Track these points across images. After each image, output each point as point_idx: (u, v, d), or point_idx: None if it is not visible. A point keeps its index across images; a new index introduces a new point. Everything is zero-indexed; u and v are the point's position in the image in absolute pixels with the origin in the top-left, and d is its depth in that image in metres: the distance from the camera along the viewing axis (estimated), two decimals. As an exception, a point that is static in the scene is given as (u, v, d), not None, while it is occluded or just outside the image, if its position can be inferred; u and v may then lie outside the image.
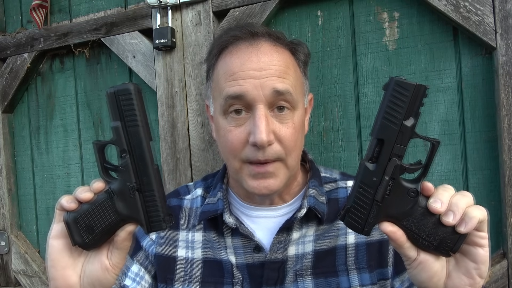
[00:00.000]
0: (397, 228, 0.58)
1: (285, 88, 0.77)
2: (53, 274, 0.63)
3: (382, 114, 0.56)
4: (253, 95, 0.75)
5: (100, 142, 0.63)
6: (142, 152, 0.60)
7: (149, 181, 0.61)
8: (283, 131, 0.77)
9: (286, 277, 0.81)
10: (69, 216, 0.61)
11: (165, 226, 0.62)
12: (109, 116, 0.61)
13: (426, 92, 0.55)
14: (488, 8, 1.00)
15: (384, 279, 0.81)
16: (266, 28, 0.85)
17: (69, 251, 0.64)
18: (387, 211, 0.58)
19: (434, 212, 0.56)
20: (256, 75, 0.76)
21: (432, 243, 0.57)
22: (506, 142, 1.00)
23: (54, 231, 0.63)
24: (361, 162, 0.59)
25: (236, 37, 0.81)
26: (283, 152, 0.77)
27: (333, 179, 0.92)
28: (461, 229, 0.55)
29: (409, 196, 0.58)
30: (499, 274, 1.02)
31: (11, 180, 1.57)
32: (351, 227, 0.60)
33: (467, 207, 0.56)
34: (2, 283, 1.55)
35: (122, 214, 0.61)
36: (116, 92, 0.59)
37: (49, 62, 1.52)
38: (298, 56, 0.85)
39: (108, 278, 0.63)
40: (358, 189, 0.58)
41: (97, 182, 0.62)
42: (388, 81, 0.56)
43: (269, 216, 0.86)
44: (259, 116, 0.75)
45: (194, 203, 0.93)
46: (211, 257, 0.86)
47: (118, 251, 0.63)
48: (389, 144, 0.56)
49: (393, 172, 0.57)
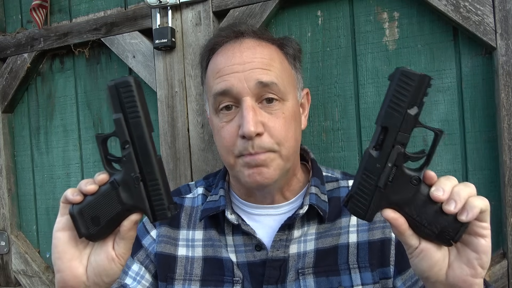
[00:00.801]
0: (399, 215, 0.59)
1: (269, 79, 0.78)
2: (60, 266, 0.63)
3: (387, 103, 0.57)
4: (238, 88, 0.77)
5: (102, 135, 0.63)
6: (144, 143, 0.61)
7: (153, 170, 0.62)
8: (272, 121, 0.78)
9: (287, 276, 0.81)
10: (74, 208, 0.62)
11: (170, 214, 0.63)
12: (110, 109, 0.62)
13: (430, 83, 0.56)
14: (488, 8, 1.00)
15: (386, 278, 0.81)
16: (252, 26, 0.88)
17: (75, 242, 0.64)
18: (390, 198, 0.59)
19: (436, 200, 0.57)
20: (240, 68, 0.78)
21: (434, 231, 0.58)
22: (506, 142, 1.00)
23: (60, 224, 0.64)
24: (366, 150, 0.60)
25: (222, 38, 0.85)
26: (274, 143, 0.77)
27: (334, 178, 0.92)
28: (463, 218, 0.56)
29: (411, 183, 0.59)
30: (499, 274, 1.02)
31: (11, 180, 1.57)
32: (354, 213, 0.61)
33: (469, 197, 0.56)
34: (2, 283, 1.55)
35: (127, 204, 0.62)
36: (117, 85, 0.60)
37: (49, 62, 1.52)
38: (285, 50, 0.87)
39: (114, 269, 0.64)
40: (361, 176, 0.59)
41: (100, 174, 0.63)
42: (394, 71, 0.57)
43: (270, 214, 0.87)
44: (245, 107, 0.76)
45: (195, 201, 0.93)
46: (212, 255, 0.86)
47: (123, 241, 0.63)
48: (393, 131, 0.57)
49: (397, 159, 0.58)
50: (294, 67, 0.88)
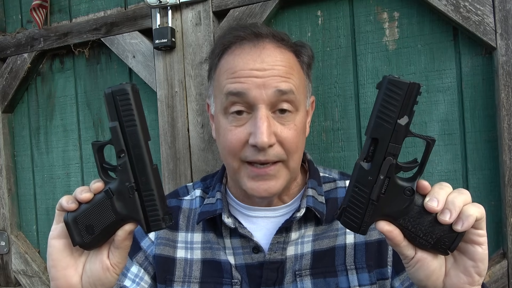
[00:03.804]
0: (394, 227, 0.58)
1: (288, 87, 0.76)
2: (54, 274, 0.63)
3: (375, 113, 0.56)
4: (254, 94, 0.75)
5: (99, 143, 0.63)
6: (140, 152, 0.60)
7: (148, 180, 0.61)
8: (285, 133, 0.77)
9: (285, 278, 0.81)
10: (69, 216, 0.61)
11: (164, 226, 0.62)
12: (107, 117, 0.61)
13: (420, 90, 0.55)
14: (488, 8, 1.00)
15: (383, 278, 0.81)
16: (270, 28, 0.84)
17: (70, 251, 0.64)
18: (383, 210, 0.58)
19: (430, 211, 0.56)
20: (259, 74, 0.76)
21: (429, 242, 0.57)
22: (506, 142, 1.00)
23: (55, 231, 0.63)
24: (356, 161, 0.59)
25: (240, 37, 0.81)
26: (284, 154, 0.77)
27: (332, 178, 0.92)
28: (458, 228, 0.55)
29: (405, 195, 0.57)
30: (499, 274, 1.02)
31: (11, 180, 1.57)
32: (347, 226, 0.60)
33: (464, 205, 0.55)
34: (2, 283, 1.55)
35: (121, 213, 0.61)
36: (113, 93, 0.60)
37: (49, 62, 1.52)
38: (301, 58, 0.85)
39: (109, 278, 0.63)
40: (353, 189, 0.58)
41: (96, 182, 0.62)
42: (382, 80, 0.56)
43: (267, 216, 0.86)
44: (260, 117, 0.74)
45: (193, 203, 0.93)
46: (210, 257, 0.86)
47: (118, 251, 0.63)
48: (384, 143, 0.56)
49: (388, 171, 0.57)
50: (307, 77, 0.87)
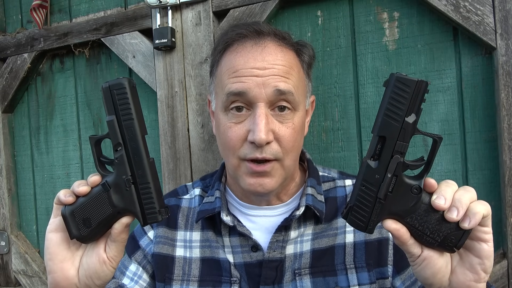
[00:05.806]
0: (401, 226, 0.58)
1: (287, 88, 0.77)
2: (51, 267, 0.63)
3: (383, 111, 0.56)
4: (254, 93, 0.76)
5: (96, 137, 0.63)
6: (136, 145, 0.61)
7: (144, 173, 0.61)
8: (283, 131, 0.77)
9: (284, 276, 0.81)
10: (66, 209, 0.62)
11: (161, 218, 0.62)
12: (105, 111, 0.62)
13: (427, 88, 0.55)
14: (488, 8, 1.00)
15: (383, 278, 0.81)
16: (272, 27, 0.84)
17: (67, 244, 0.64)
18: (390, 208, 0.58)
19: (437, 209, 0.56)
20: (260, 73, 0.76)
21: (436, 240, 0.57)
22: (506, 142, 1.00)
23: (52, 225, 0.64)
24: (363, 159, 0.58)
25: (242, 35, 0.82)
26: (280, 152, 0.77)
27: (331, 178, 0.92)
28: (465, 225, 0.55)
29: (412, 193, 0.57)
30: (499, 274, 1.02)
31: (11, 180, 1.57)
32: (354, 225, 0.59)
33: (470, 203, 0.56)
34: (2, 283, 1.55)
35: (117, 206, 0.62)
36: (111, 87, 0.60)
37: (49, 62, 1.52)
38: (302, 57, 0.85)
39: (106, 271, 0.64)
40: (360, 187, 0.58)
41: (93, 176, 0.63)
42: (389, 78, 0.56)
43: (266, 215, 0.87)
44: (259, 114, 0.75)
45: (192, 202, 0.93)
46: (209, 256, 0.86)
47: (115, 244, 0.63)
48: (391, 141, 0.56)
49: (396, 169, 0.57)
50: (308, 76, 0.87)
